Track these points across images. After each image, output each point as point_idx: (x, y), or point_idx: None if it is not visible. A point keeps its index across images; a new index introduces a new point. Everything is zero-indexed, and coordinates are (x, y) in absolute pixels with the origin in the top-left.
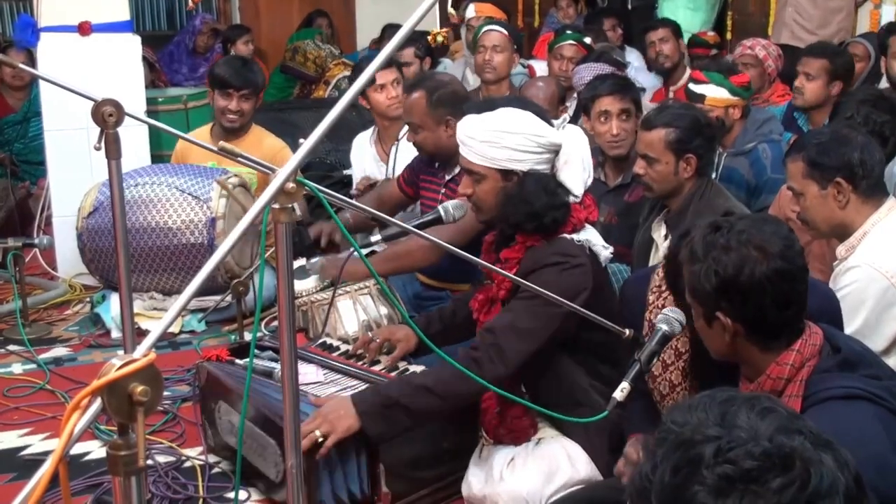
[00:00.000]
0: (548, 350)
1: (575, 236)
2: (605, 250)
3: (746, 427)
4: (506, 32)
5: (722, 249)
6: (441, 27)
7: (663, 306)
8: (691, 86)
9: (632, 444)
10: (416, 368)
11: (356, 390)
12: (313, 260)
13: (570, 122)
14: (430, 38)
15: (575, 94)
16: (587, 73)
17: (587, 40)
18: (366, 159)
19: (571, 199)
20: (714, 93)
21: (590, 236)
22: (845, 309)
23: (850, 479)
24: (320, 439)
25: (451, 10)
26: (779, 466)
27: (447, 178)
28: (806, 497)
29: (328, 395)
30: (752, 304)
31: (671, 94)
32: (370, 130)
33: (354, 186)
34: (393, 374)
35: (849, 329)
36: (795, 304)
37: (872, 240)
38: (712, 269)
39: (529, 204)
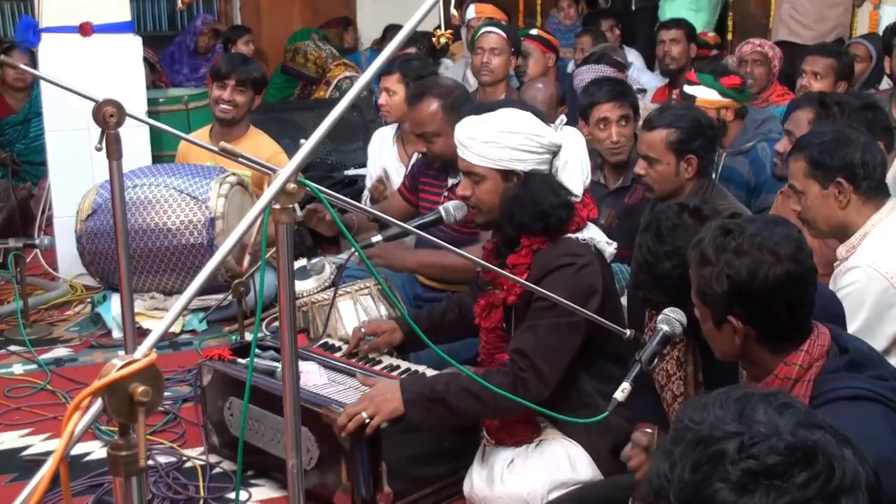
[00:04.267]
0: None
1: (579, 235)
2: (609, 246)
3: (766, 422)
4: (504, 35)
5: (734, 253)
6: (445, 28)
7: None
8: (685, 87)
9: (639, 431)
10: (419, 369)
11: (359, 390)
12: (314, 260)
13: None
14: (434, 39)
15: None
16: (588, 74)
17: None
18: (386, 156)
19: (573, 199)
20: (704, 94)
21: (593, 234)
22: (846, 309)
23: (870, 473)
24: (367, 420)
25: (454, 10)
26: (803, 461)
27: (451, 182)
28: (830, 491)
29: (328, 393)
30: (764, 308)
31: (674, 97)
32: (393, 127)
33: (368, 188)
34: (395, 374)
35: (849, 329)
36: (806, 305)
37: (873, 240)
38: (724, 272)
39: (537, 203)
